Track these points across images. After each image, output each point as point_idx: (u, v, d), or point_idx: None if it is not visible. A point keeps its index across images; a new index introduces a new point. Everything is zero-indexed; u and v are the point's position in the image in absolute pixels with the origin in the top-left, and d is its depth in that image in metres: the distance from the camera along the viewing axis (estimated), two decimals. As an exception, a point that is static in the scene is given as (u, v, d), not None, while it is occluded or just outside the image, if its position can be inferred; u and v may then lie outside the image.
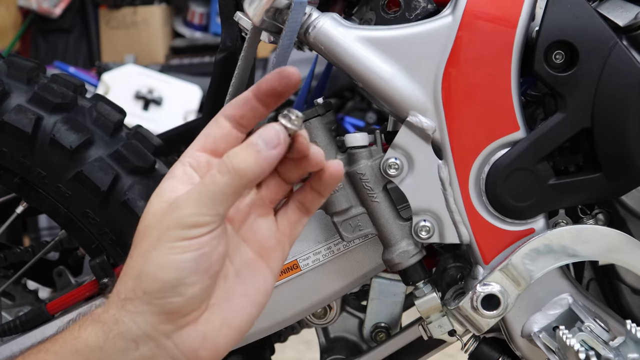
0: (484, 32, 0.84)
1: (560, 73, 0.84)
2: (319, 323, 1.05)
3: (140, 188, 1.02)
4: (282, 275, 0.95)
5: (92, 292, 1.00)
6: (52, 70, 1.70)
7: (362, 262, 0.96)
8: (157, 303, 0.65)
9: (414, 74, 0.85)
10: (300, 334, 1.15)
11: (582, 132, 0.85)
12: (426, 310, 0.90)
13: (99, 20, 4.41)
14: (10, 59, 1.05)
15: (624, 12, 0.87)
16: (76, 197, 1.01)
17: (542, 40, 0.84)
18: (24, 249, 1.19)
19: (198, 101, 3.43)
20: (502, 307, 0.85)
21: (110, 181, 1.00)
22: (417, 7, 0.89)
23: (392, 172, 0.86)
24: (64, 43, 4.40)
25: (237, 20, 0.87)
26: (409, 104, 0.85)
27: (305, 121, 0.88)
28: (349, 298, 1.07)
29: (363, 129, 3.46)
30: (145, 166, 1.04)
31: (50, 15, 4.29)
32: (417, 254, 0.88)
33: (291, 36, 0.81)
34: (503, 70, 0.84)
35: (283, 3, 0.81)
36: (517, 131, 0.85)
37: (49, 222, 2.91)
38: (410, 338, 1.02)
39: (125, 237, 1.02)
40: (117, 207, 1.01)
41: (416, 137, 0.85)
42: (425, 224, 0.87)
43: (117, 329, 0.65)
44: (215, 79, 1.02)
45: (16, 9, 4.37)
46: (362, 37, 0.85)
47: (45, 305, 1.01)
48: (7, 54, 1.08)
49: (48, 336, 0.98)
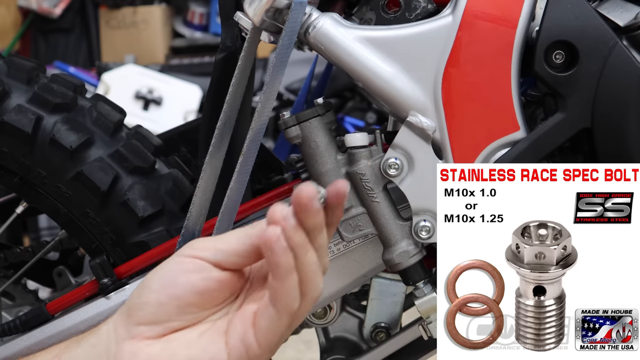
0: (484, 32, 0.84)
1: (560, 73, 0.84)
2: (319, 323, 1.05)
3: (140, 188, 1.02)
4: (282, 275, 0.95)
5: (92, 292, 1.00)
6: (52, 70, 1.69)
7: (362, 262, 0.96)
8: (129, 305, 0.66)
9: (414, 74, 0.85)
10: (300, 334, 1.15)
11: (582, 132, 0.85)
12: (426, 310, 0.90)
13: (99, 20, 4.41)
14: (10, 59, 1.05)
15: (624, 12, 0.87)
16: (76, 197, 1.01)
17: (542, 40, 0.84)
18: (24, 249, 1.19)
19: (198, 101, 3.43)
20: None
21: (110, 181, 1.00)
22: (417, 7, 0.89)
23: (392, 172, 0.86)
24: (64, 43, 4.41)
25: (237, 20, 0.87)
26: (409, 104, 0.85)
27: (305, 121, 0.88)
28: (349, 298, 1.07)
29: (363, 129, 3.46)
30: (145, 166, 1.04)
31: (50, 15, 4.29)
32: (417, 254, 0.88)
33: (291, 36, 0.81)
34: (503, 70, 0.84)
35: (283, 3, 0.81)
36: (517, 131, 0.85)
37: (49, 222, 2.91)
38: (410, 338, 1.02)
39: (125, 237, 1.02)
40: (117, 207, 1.01)
41: (416, 137, 0.85)
42: (425, 224, 0.87)
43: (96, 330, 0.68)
44: (215, 79, 1.02)
45: (16, 9, 4.37)
46: (362, 37, 0.85)
47: (45, 305, 1.01)
48: (7, 54, 1.08)
49: (47, 337, 0.98)
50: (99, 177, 1.00)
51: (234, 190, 0.83)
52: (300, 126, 0.88)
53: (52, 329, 0.99)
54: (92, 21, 4.38)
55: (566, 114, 0.84)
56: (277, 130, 2.83)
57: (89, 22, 4.38)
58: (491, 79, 0.84)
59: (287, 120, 0.88)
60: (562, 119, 0.84)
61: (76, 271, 1.29)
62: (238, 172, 0.83)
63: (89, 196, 1.00)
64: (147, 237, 1.02)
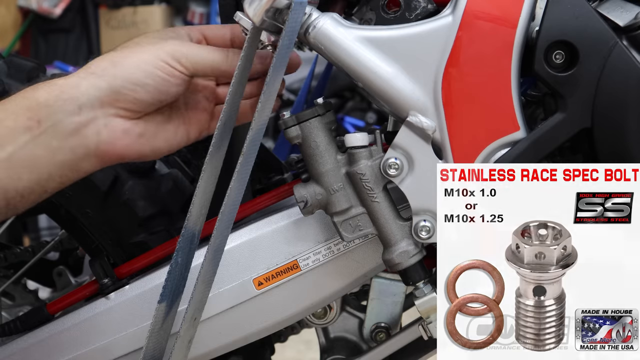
0: (484, 32, 0.84)
1: (560, 73, 0.84)
2: (319, 323, 1.05)
3: (140, 188, 1.02)
4: (282, 275, 0.95)
5: (92, 292, 1.00)
6: (52, 70, 1.69)
7: (362, 262, 0.96)
8: (116, 86, 0.80)
9: (414, 74, 0.85)
10: (300, 334, 1.15)
11: (582, 132, 0.85)
12: (426, 310, 0.90)
13: (99, 20, 4.41)
14: (10, 59, 1.05)
15: (624, 12, 0.87)
16: (76, 197, 1.01)
17: (542, 40, 0.84)
18: (24, 249, 1.19)
19: (198, 101, 3.42)
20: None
21: (110, 181, 1.00)
22: (417, 7, 0.89)
23: (392, 172, 0.86)
24: (64, 43, 4.40)
25: (237, 21, 0.87)
26: (409, 104, 0.85)
27: (305, 121, 0.88)
28: (349, 298, 1.07)
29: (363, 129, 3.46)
30: (145, 166, 1.04)
31: (50, 15, 4.29)
32: (417, 254, 0.88)
33: (291, 36, 0.81)
34: (503, 70, 0.84)
35: (283, 3, 0.81)
36: (517, 131, 0.85)
37: (49, 222, 2.91)
38: (410, 338, 1.02)
39: (125, 237, 1.02)
40: (117, 207, 1.01)
41: (416, 137, 0.85)
42: (425, 224, 0.87)
43: (71, 92, 0.79)
44: (215, 79, 1.02)
45: (16, 9, 4.37)
46: (362, 37, 0.85)
47: (45, 305, 1.01)
48: (7, 54, 1.08)
49: (47, 337, 0.98)
50: (99, 177, 1.00)
51: (234, 190, 0.83)
52: (300, 126, 0.88)
53: (52, 329, 0.99)
54: (92, 21, 4.38)
55: (566, 114, 0.84)
56: (277, 130, 2.83)
57: (89, 22, 4.38)
58: (491, 79, 0.84)
59: (287, 120, 0.88)
60: (562, 119, 0.84)
61: (76, 271, 1.29)
62: (238, 172, 0.83)
63: (89, 196, 1.00)
64: (147, 237, 1.02)
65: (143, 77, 0.81)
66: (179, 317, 0.90)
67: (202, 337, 0.95)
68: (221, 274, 0.92)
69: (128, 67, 0.81)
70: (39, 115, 0.78)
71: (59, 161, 0.80)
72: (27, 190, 0.79)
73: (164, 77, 0.82)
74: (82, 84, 0.80)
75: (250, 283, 0.95)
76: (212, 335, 0.96)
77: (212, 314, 0.95)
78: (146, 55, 0.83)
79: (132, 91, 0.81)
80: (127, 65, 0.82)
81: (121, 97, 0.81)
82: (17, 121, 0.78)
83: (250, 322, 0.97)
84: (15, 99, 0.80)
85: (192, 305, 0.87)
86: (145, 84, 0.81)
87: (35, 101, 0.79)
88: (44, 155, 0.79)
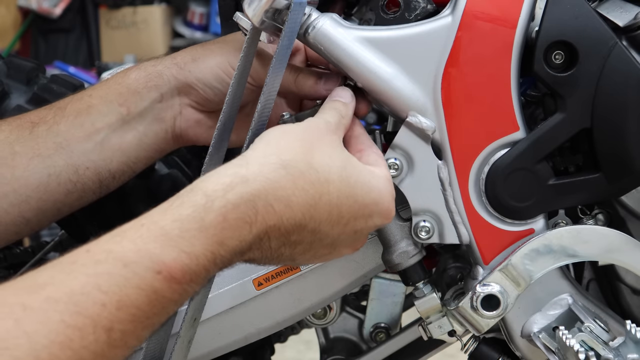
0: (483, 32, 0.84)
1: (560, 73, 0.84)
2: (319, 323, 1.05)
3: (140, 188, 1.02)
4: (281, 276, 0.95)
5: (92, 292, 1.00)
6: (52, 70, 1.70)
7: (362, 262, 0.96)
8: (190, 81, 0.87)
9: (414, 74, 0.85)
10: (300, 334, 1.15)
11: (582, 132, 0.85)
12: (426, 310, 0.90)
13: (99, 20, 4.40)
14: (10, 60, 1.05)
15: (623, 12, 0.87)
16: (76, 198, 1.01)
17: (542, 41, 0.84)
18: (24, 249, 1.19)
19: (198, 101, 3.43)
20: (501, 308, 0.85)
21: (110, 181, 1.00)
22: (417, 8, 0.89)
23: (391, 172, 0.86)
24: (64, 43, 4.40)
25: (237, 21, 0.87)
26: (409, 104, 0.85)
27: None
28: (349, 298, 1.07)
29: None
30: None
31: (50, 15, 4.29)
32: (416, 255, 0.88)
33: (291, 36, 0.81)
34: (503, 71, 0.84)
35: (282, 3, 0.81)
36: (517, 131, 0.85)
37: (49, 222, 2.90)
38: (410, 338, 1.02)
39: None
40: (117, 207, 1.01)
41: (416, 138, 0.85)
42: (425, 224, 0.87)
43: (156, 81, 0.86)
44: (215, 79, 1.02)
45: (16, 9, 4.36)
46: (362, 37, 0.85)
47: (45, 305, 1.01)
48: (7, 54, 1.08)
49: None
50: (99, 178, 1.00)
51: (234, 190, 0.83)
52: (300, 126, 0.88)
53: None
54: (92, 21, 4.38)
55: (566, 114, 0.84)
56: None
57: (89, 22, 4.37)
58: (491, 79, 0.84)
59: (287, 120, 0.88)
60: (561, 119, 0.84)
61: (76, 271, 1.29)
62: (238, 172, 0.83)
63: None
64: (147, 237, 1.01)
65: (213, 79, 0.86)
66: (179, 317, 0.90)
67: (202, 338, 0.95)
68: (221, 275, 0.91)
69: (203, 67, 0.86)
70: (129, 102, 0.86)
71: (145, 144, 0.87)
72: (118, 172, 0.87)
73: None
74: (165, 73, 0.87)
75: (250, 283, 0.95)
76: (212, 335, 0.96)
77: (212, 314, 0.95)
78: (220, 58, 0.86)
79: (202, 90, 0.87)
80: (203, 64, 0.86)
81: (193, 92, 0.87)
82: (110, 107, 0.86)
83: (250, 322, 0.97)
84: (108, 83, 0.88)
85: (192, 306, 0.87)
86: (213, 87, 0.87)
87: (126, 87, 0.87)
88: (133, 139, 0.87)
